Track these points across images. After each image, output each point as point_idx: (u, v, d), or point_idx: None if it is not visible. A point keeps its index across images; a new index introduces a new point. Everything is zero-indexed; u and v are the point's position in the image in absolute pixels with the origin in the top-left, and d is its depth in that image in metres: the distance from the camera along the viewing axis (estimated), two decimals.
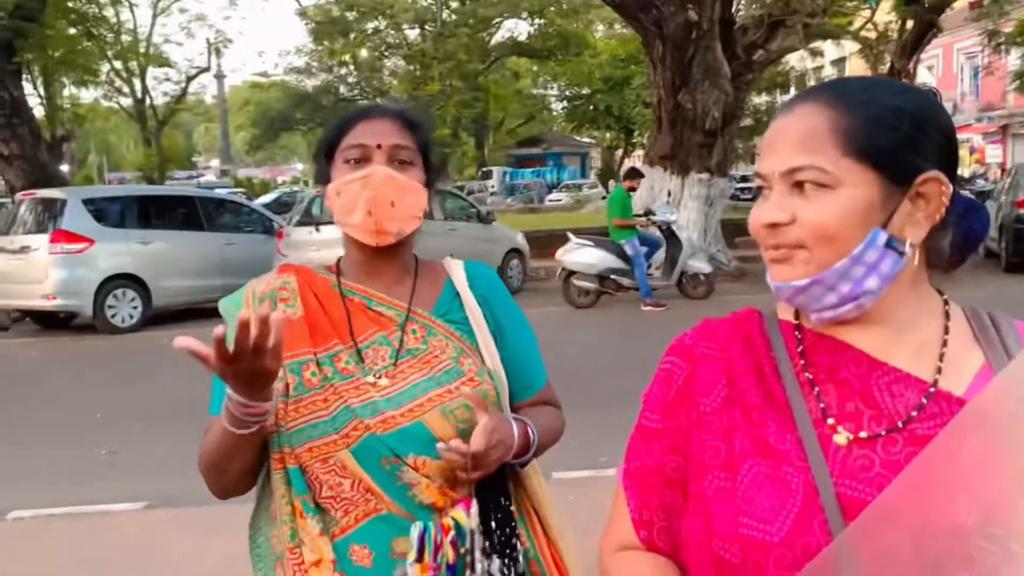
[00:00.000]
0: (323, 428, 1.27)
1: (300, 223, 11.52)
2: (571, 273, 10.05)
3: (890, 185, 0.88)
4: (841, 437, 0.88)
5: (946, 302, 0.95)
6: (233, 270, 11.61)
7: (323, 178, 1.39)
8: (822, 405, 0.91)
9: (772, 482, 0.87)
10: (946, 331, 0.92)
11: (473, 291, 1.42)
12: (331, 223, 1.36)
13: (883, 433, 0.87)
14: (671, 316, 9.69)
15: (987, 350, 0.91)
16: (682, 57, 11.21)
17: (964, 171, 25.60)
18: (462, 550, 1.26)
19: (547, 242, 13.09)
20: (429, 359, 1.33)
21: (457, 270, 1.45)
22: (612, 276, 9.95)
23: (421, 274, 1.43)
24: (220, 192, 16.49)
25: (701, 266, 10.28)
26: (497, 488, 1.33)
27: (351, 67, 32.61)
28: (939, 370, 0.90)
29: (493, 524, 1.30)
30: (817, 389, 0.92)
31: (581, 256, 10.00)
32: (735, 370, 0.96)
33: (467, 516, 1.28)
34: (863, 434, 0.88)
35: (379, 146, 1.34)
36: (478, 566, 1.28)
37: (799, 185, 0.88)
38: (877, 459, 0.86)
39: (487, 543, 1.29)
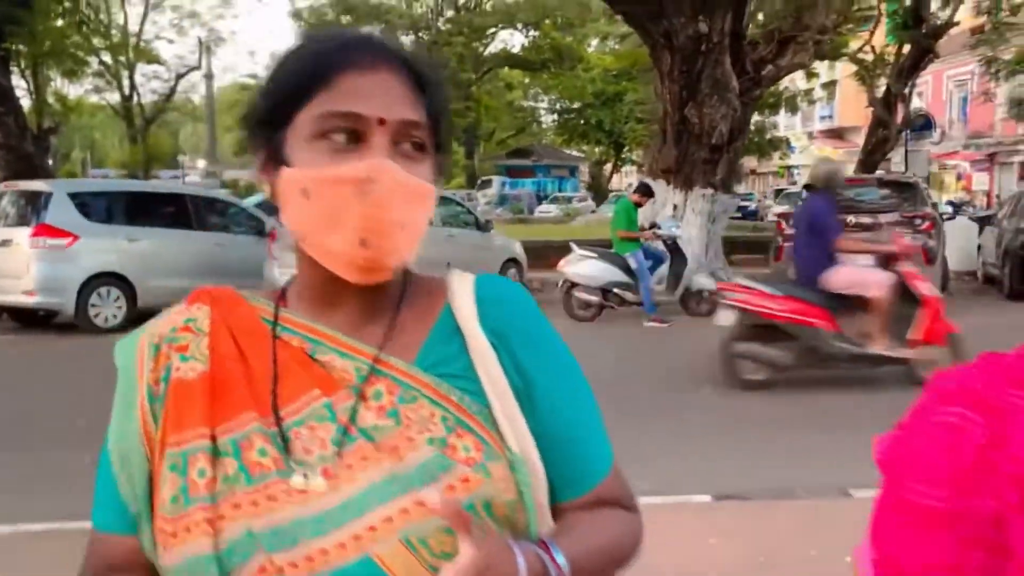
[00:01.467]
0: (204, 569, 0.80)
1: None
2: (573, 285, 9.80)
3: None
4: None
5: None
6: (223, 271, 11.26)
7: (268, 152, 0.87)
8: None
9: None
10: None
11: (484, 324, 0.89)
12: None
13: None
14: (674, 333, 9.50)
15: None
16: (691, 70, 11.02)
17: (951, 198, 25.68)
18: None
19: (543, 253, 12.85)
20: (396, 443, 0.83)
21: (463, 290, 0.92)
22: (615, 290, 9.72)
23: (409, 300, 0.92)
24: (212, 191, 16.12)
25: (705, 283, 10.06)
26: None
27: None
28: None
29: None
30: None
31: (584, 268, 9.76)
32: None
33: None
34: None
35: (382, 121, 0.83)
36: None
37: None
38: None
39: None
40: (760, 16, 14.74)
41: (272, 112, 0.87)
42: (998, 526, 0.68)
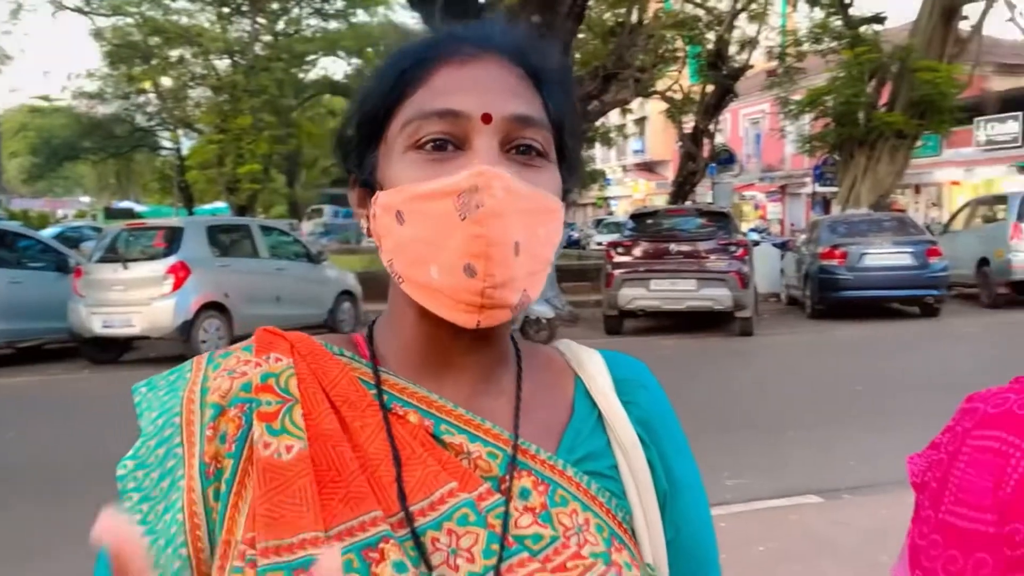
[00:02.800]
0: None
1: (103, 259, 10.31)
2: None
3: None
4: None
5: None
6: (20, 312, 10.15)
7: (357, 172, 0.73)
8: None
9: None
10: None
11: (630, 412, 0.76)
12: (144, 258, 0.72)
13: None
14: None
15: None
16: None
17: (752, 226, 27.98)
18: None
19: (375, 284, 12.60)
20: (563, 559, 0.68)
21: (594, 368, 0.78)
22: None
23: (529, 373, 0.76)
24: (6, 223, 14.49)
25: (543, 310, 10.26)
26: None
27: (151, 95, 30.45)
28: None
29: None
30: None
31: None
32: None
33: None
34: None
35: (486, 118, 0.67)
36: None
37: None
38: None
39: None
40: (577, 55, 15.41)
41: (361, 130, 0.71)
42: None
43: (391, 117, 0.70)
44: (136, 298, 9.78)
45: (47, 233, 16.43)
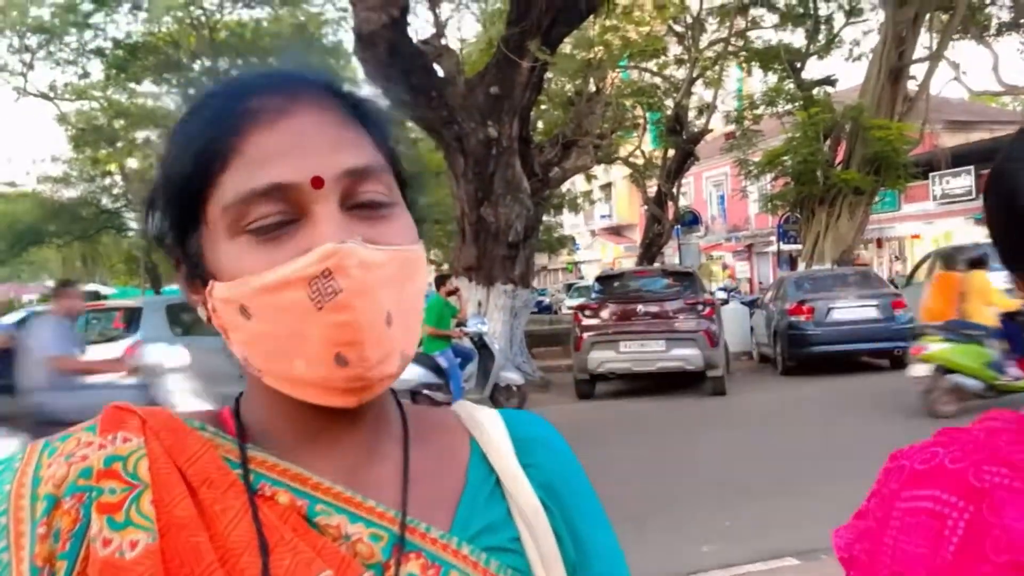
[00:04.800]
0: None
1: None
2: None
3: None
4: None
5: None
6: None
7: (180, 256, 0.64)
8: None
9: None
10: None
11: (531, 475, 0.69)
12: (102, 340, 0.64)
13: None
14: None
15: None
16: (483, 172, 11.38)
17: (721, 285, 28.24)
18: None
19: None
20: None
21: (491, 428, 0.71)
22: (425, 391, 9.50)
23: (418, 438, 0.69)
24: None
25: (513, 377, 10.14)
26: None
27: (117, 177, 30.45)
28: None
29: None
30: None
31: None
32: None
33: None
34: None
35: (317, 181, 0.59)
36: None
37: None
38: None
39: None
40: (540, 124, 15.66)
41: (173, 210, 0.63)
42: None
43: (205, 198, 0.61)
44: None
45: (10, 318, 16.16)
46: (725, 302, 15.42)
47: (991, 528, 0.62)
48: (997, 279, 8.17)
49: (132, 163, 29.69)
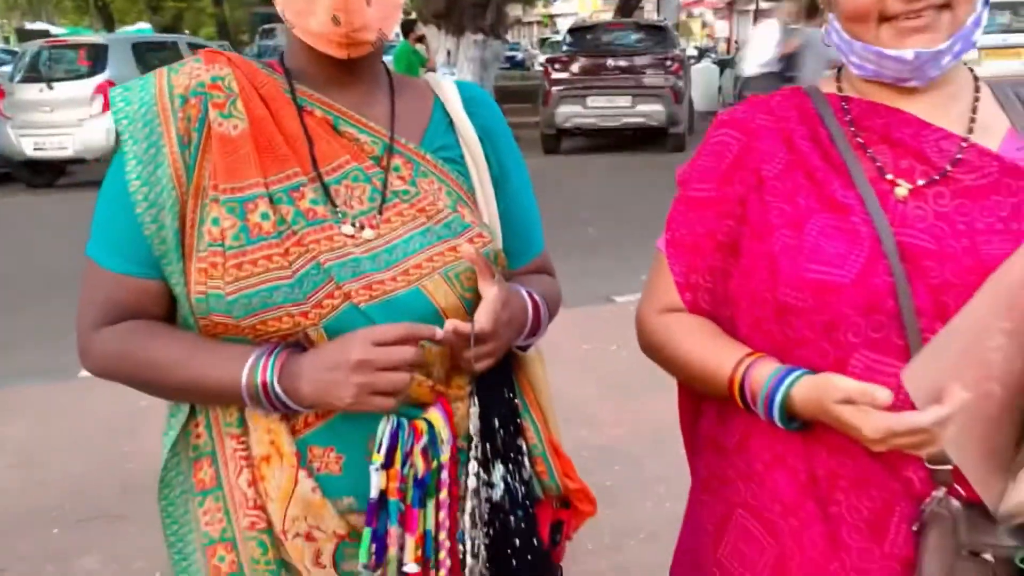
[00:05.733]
0: (284, 294, 0.93)
1: (26, 79, 9.99)
2: None
3: None
4: (902, 190, 0.97)
5: (975, 77, 1.03)
6: None
7: None
8: (879, 164, 0.98)
9: (839, 232, 0.95)
10: (976, 99, 1.01)
11: (473, 121, 1.08)
12: (65, 79, 0.98)
13: (937, 178, 0.96)
14: None
15: (1011, 116, 1.01)
16: None
17: (697, 44, 27.64)
18: (434, 463, 0.98)
19: None
20: (424, 206, 1.01)
21: (449, 91, 1.10)
22: None
23: (400, 93, 1.07)
24: None
25: None
26: (501, 379, 1.06)
27: None
28: (971, 130, 0.99)
29: (496, 423, 1.04)
30: (871, 151, 0.99)
31: None
32: (793, 137, 1.02)
33: (444, 421, 0.99)
34: (921, 181, 0.96)
35: None
36: (471, 480, 1.01)
37: None
38: (930, 211, 0.95)
39: (488, 447, 1.02)
40: None
41: None
42: (742, 203, 1.02)
43: None
44: (65, 119, 9.60)
45: None
46: (696, 60, 15.36)
47: (752, 151, 1.03)
48: None
49: None
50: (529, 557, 1.04)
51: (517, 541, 1.03)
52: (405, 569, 0.96)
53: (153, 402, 1.04)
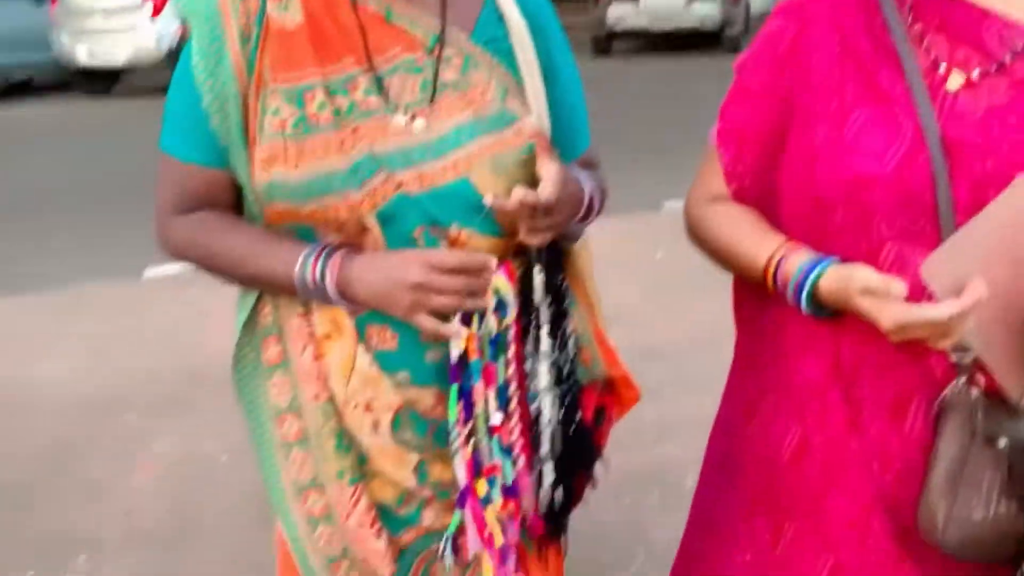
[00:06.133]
0: (339, 182, 0.98)
1: None
2: None
3: None
4: (954, 81, 0.95)
5: None
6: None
7: None
8: (933, 55, 0.97)
9: (881, 124, 0.95)
10: None
11: (524, 13, 1.08)
12: None
13: (993, 70, 0.94)
14: None
15: None
16: None
17: None
18: (504, 323, 1.05)
19: None
20: (473, 97, 1.03)
21: None
22: None
23: None
24: None
25: None
26: (552, 263, 1.08)
27: None
28: None
29: (550, 299, 1.08)
30: (927, 40, 0.97)
31: None
32: (846, 25, 1.00)
33: (508, 283, 1.05)
34: (975, 73, 0.94)
35: None
36: (543, 343, 1.07)
37: None
38: (983, 104, 0.94)
39: (546, 316, 1.08)
40: None
41: None
42: (792, 93, 1.02)
43: None
44: (117, 25, 9.67)
45: None
46: None
47: (804, 38, 1.01)
48: None
49: None
50: (573, 429, 1.11)
51: (563, 413, 1.10)
52: (491, 423, 1.04)
53: (214, 301, 1.11)
